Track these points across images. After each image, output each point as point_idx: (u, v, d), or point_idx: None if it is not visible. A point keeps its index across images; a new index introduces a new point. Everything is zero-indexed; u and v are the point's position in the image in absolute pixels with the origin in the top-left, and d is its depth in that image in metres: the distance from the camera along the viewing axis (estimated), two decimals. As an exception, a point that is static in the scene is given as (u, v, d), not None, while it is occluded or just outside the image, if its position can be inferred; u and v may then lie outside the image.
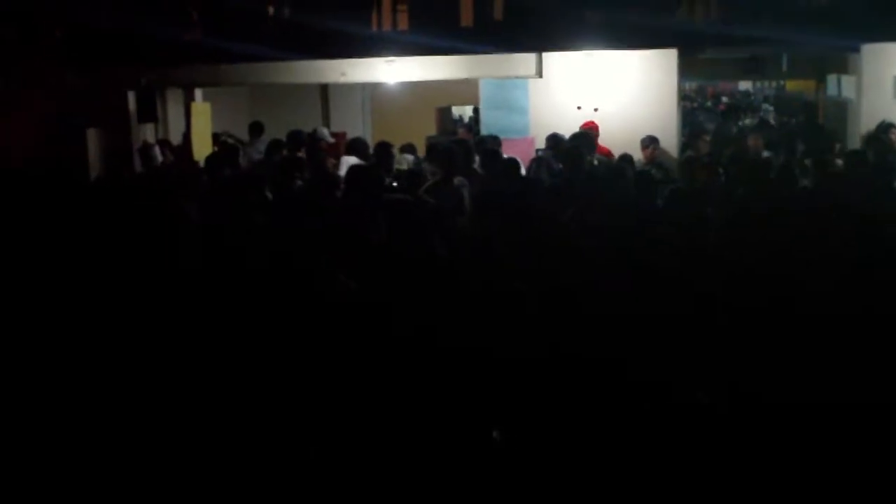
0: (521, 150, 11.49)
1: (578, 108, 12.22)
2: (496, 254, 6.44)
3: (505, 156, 10.32)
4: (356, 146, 11.37)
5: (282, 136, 12.55)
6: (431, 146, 12.06)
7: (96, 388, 5.17)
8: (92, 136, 12.05)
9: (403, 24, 11.47)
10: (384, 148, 10.57)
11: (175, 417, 4.92)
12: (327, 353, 5.23)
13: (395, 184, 9.77)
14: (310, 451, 4.78)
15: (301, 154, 11.22)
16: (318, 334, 5.38)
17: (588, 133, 11.21)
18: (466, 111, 17.65)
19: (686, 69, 12.65)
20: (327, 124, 15.84)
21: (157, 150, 11.70)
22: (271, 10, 11.41)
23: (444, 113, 17.21)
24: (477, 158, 10.22)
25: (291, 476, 4.65)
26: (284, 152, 11.30)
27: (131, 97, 12.71)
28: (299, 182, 9.31)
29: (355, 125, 15.66)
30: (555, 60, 12.26)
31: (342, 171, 9.58)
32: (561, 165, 10.38)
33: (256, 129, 14.29)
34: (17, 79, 11.40)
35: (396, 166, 11.05)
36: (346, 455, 4.67)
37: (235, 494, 4.61)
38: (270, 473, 4.64)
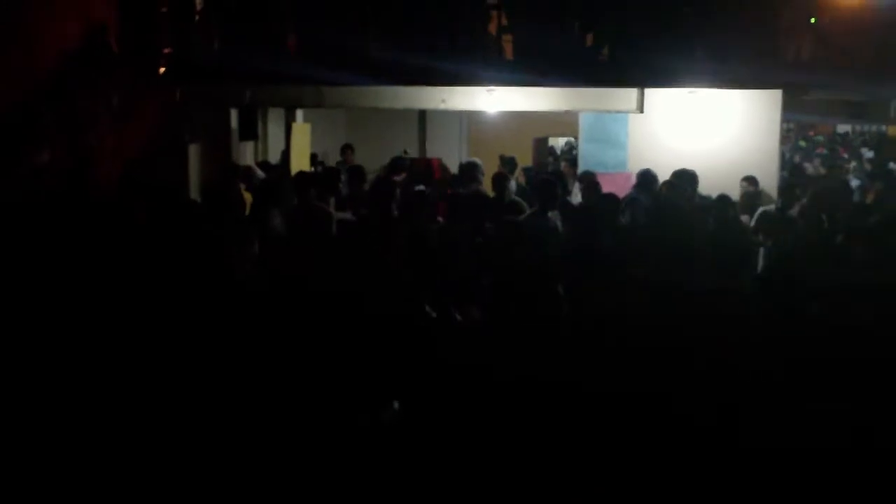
0: (618, 185, 11.43)
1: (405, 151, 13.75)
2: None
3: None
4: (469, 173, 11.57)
5: (378, 159, 12.77)
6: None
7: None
8: (194, 152, 12.22)
9: (508, 54, 11.50)
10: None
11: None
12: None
13: None
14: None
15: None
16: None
17: (689, 171, 11.09)
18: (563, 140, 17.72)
19: (787, 107, 12.46)
20: (424, 150, 15.98)
21: (258, 171, 11.88)
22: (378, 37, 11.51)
23: (541, 143, 17.21)
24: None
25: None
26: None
27: (234, 115, 12.92)
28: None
29: (452, 152, 15.76)
30: (656, 96, 12.17)
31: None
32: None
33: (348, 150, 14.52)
34: (129, 95, 11.62)
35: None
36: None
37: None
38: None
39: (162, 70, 11.57)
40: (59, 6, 11.25)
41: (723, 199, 10.04)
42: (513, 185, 11.90)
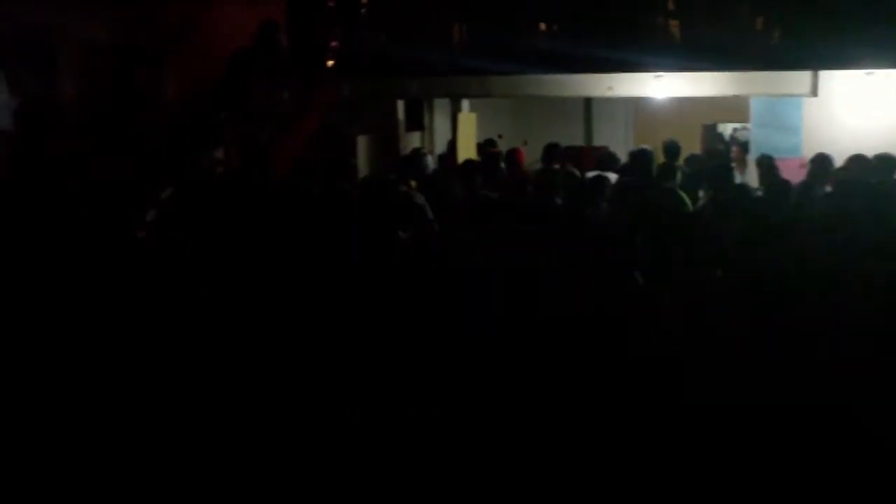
0: (792, 171, 11.11)
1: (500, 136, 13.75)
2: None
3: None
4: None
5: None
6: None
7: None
8: (362, 143, 12.42)
9: (676, 39, 11.30)
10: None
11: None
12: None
13: None
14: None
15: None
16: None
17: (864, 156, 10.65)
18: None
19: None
20: (590, 138, 15.84)
21: (429, 158, 11.99)
22: (543, 26, 11.47)
23: (710, 130, 16.84)
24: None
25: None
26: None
27: (400, 106, 13.09)
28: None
29: (618, 139, 15.57)
30: (832, 78, 11.75)
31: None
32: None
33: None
34: (299, 90, 11.87)
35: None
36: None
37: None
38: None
39: (330, 64, 11.78)
40: (230, 4, 11.59)
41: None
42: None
